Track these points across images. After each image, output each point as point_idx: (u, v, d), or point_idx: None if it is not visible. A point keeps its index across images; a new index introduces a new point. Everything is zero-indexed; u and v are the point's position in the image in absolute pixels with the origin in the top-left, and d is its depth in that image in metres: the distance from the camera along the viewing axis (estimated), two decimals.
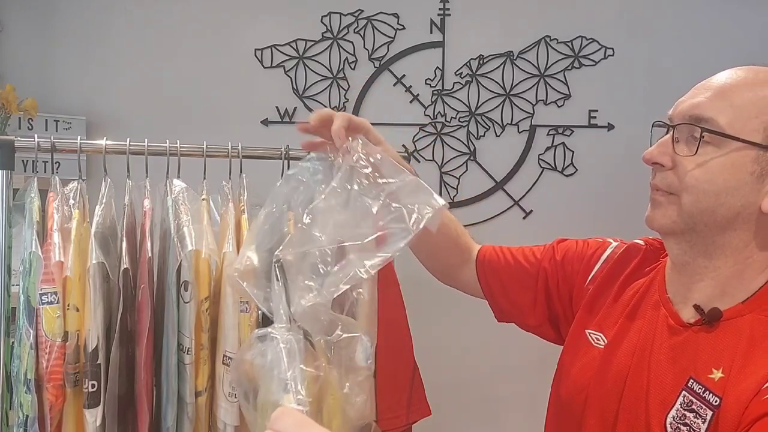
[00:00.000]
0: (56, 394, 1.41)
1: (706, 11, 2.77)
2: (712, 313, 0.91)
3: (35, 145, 1.55)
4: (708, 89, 0.90)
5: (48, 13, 2.74)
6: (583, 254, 1.15)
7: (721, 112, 0.86)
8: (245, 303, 1.55)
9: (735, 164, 0.86)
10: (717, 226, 0.89)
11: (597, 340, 1.04)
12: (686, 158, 0.88)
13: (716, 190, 0.87)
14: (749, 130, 0.85)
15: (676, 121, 0.92)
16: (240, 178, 1.66)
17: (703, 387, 0.87)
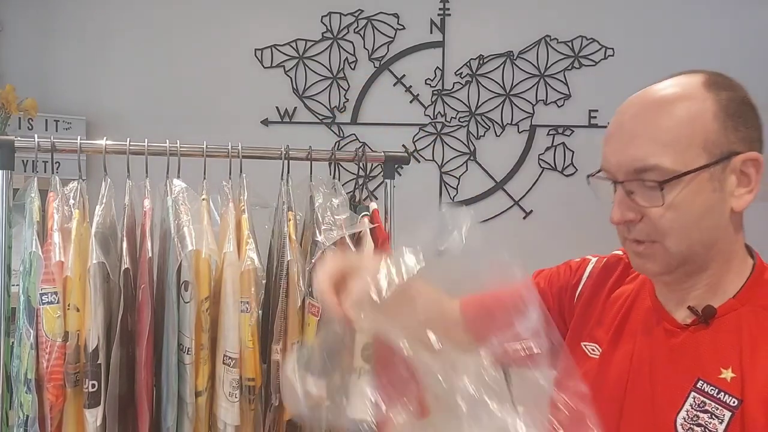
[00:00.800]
0: (56, 394, 1.41)
1: (706, 11, 2.77)
2: (706, 311, 0.91)
3: (35, 145, 1.55)
4: (632, 136, 0.89)
5: (48, 13, 2.74)
6: (566, 276, 1.14)
7: (662, 155, 0.86)
8: (245, 303, 1.55)
9: (697, 192, 0.87)
10: (706, 247, 0.91)
11: (592, 351, 1.04)
12: (655, 207, 0.89)
13: (693, 223, 0.88)
14: (693, 158, 0.86)
15: (620, 176, 0.90)
16: (240, 178, 1.66)
17: (716, 388, 0.88)
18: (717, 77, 0.92)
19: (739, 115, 0.89)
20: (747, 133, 0.89)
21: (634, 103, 0.92)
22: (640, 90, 0.94)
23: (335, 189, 1.76)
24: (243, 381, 1.55)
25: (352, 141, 2.75)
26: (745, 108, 0.91)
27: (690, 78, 0.92)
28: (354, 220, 1.75)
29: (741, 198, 0.89)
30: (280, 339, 1.60)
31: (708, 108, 0.88)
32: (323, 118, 2.75)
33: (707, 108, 0.88)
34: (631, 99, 0.93)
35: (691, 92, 0.89)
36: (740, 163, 0.88)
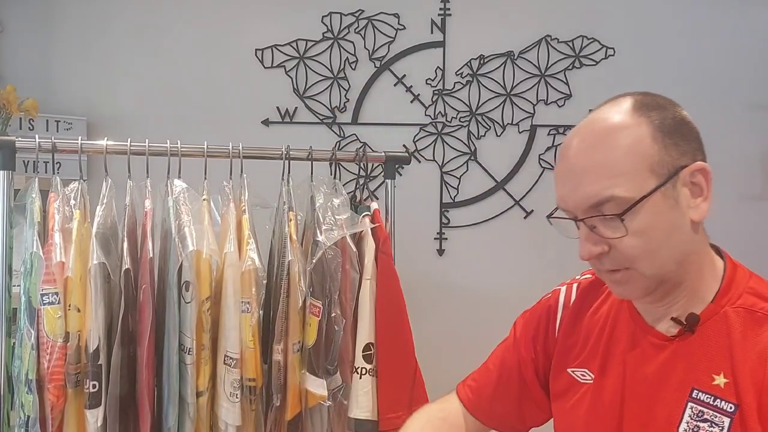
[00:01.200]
0: (57, 395, 1.41)
1: (706, 11, 2.77)
2: (690, 319, 0.93)
3: (36, 145, 1.55)
4: (582, 175, 0.91)
5: (48, 14, 2.74)
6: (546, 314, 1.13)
7: (614, 186, 0.88)
8: (246, 303, 1.55)
9: (657, 214, 0.89)
10: (678, 263, 0.92)
11: (583, 376, 1.04)
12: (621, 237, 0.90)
13: (660, 243, 0.90)
14: (644, 183, 0.88)
15: (579, 214, 0.92)
16: (241, 178, 1.66)
17: (711, 395, 0.89)
18: (644, 98, 0.94)
19: (675, 131, 0.91)
20: (687, 147, 0.91)
21: (575, 143, 0.93)
22: (575, 127, 0.95)
23: (336, 189, 1.76)
24: (244, 381, 1.55)
25: (352, 141, 2.75)
26: (678, 123, 0.92)
27: (619, 106, 0.93)
28: (355, 220, 1.75)
29: (698, 208, 0.91)
30: (281, 339, 1.61)
31: (644, 132, 0.90)
32: (324, 118, 2.75)
33: (643, 132, 0.90)
34: (571, 139, 0.94)
35: (624, 120, 0.91)
36: (689, 176, 0.90)
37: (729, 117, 2.66)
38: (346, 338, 1.69)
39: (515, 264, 2.73)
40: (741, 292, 0.93)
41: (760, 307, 0.91)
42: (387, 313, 1.72)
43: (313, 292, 1.66)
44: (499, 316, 2.78)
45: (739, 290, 0.93)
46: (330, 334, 1.67)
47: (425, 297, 2.56)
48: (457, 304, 2.73)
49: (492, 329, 2.92)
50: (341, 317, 1.67)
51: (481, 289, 2.73)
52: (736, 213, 2.64)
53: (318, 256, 1.65)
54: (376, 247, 1.73)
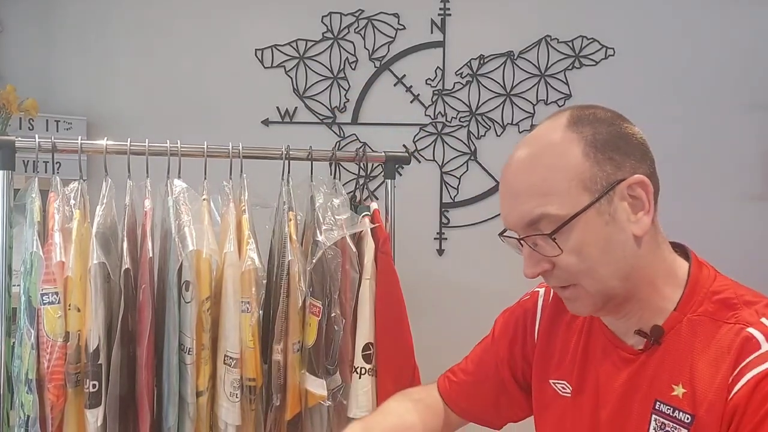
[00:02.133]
0: (57, 395, 1.41)
1: (706, 11, 2.77)
2: (654, 332, 0.92)
3: (36, 145, 1.55)
4: (515, 193, 0.92)
5: (48, 13, 2.74)
6: (523, 318, 1.14)
7: (545, 204, 0.88)
8: (246, 303, 1.55)
9: (591, 231, 0.88)
10: (623, 279, 0.90)
11: (563, 389, 1.04)
12: (558, 255, 0.89)
13: (598, 261, 0.89)
14: (576, 200, 0.87)
15: (520, 233, 0.93)
16: (241, 178, 1.66)
17: (671, 407, 0.88)
18: (581, 112, 0.92)
19: (611, 144, 0.89)
20: (624, 161, 0.89)
21: (513, 161, 0.93)
22: (517, 143, 0.95)
23: (336, 189, 1.76)
24: (244, 381, 1.55)
25: (352, 141, 2.75)
26: (615, 137, 0.90)
27: (553, 122, 0.93)
28: (355, 220, 1.75)
29: (640, 222, 0.89)
30: (281, 339, 1.61)
31: (574, 148, 0.88)
32: (324, 118, 2.75)
33: (573, 149, 0.88)
34: (510, 157, 0.94)
35: (554, 137, 0.90)
36: (626, 189, 0.88)
37: (729, 117, 2.66)
38: (346, 338, 1.69)
39: (515, 264, 2.72)
40: (703, 299, 0.91)
41: (719, 315, 0.89)
42: (387, 313, 1.72)
43: (313, 292, 1.66)
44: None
45: (701, 296, 0.91)
46: (330, 334, 1.67)
47: (425, 297, 2.56)
48: (457, 304, 2.73)
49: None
50: (341, 317, 1.67)
51: (481, 289, 2.73)
52: (736, 213, 2.64)
53: (318, 256, 1.65)
54: (375, 247, 1.73)
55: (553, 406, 1.05)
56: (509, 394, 1.15)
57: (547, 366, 1.07)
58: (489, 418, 1.20)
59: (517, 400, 1.15)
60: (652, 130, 1.09)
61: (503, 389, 1.15)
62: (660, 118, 2.52)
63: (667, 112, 2.64)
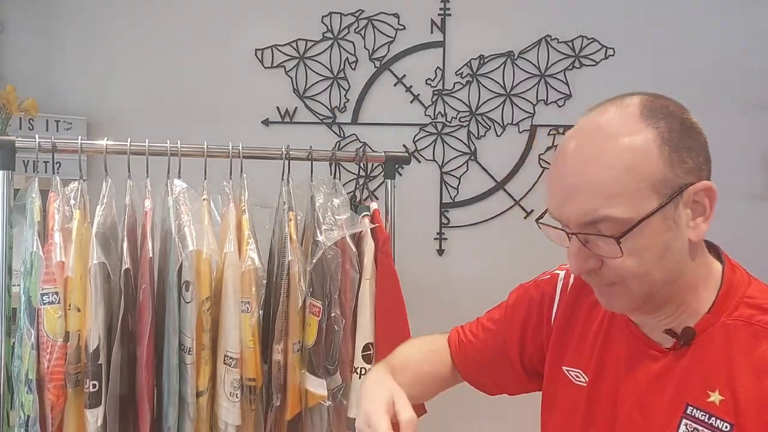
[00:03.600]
0: (57, 394, 1.41)
1: (706, 11, 2.77)
2: (686, 333, 0.89)
3: (36, 145, 1.55)
4: (577, 191, 0.85)
5: (48, 13, 2.74)
6: (540, 298, 1.12)
7: (612, 206, 0.82)
8: (246, 303, 1.55)
9: (654, 235, 0.84)
10: (670, 283, 0.88)
11: (577, 378, 1.02)
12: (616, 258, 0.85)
13: (654, 265, 0.85)
14: (644, 203, 0.82)
15: (572, 228, 0.86)
16: (241, 178, 1.66)
17: (706, 413, 0.86)
18: (653, 102, 0.87)
19: (683, 143, 0.84)
20: (694, 162, 0.84)
21: (572, 149, 0.87)
22: (574, 128, 0.89)
23: (336, 189, 1.76)
24: (244, 381, 1.55)
25: (352, 141, 2.75)
26: (687, 133, 0.85)
27: (623, 110, 0.86)
28: (355, 220, 1.75)
29: (698, 228, 0.86)
30: (281, 339, 1.61)
31: (651, 145, 0.82)
32: (324, 118, 2.75)
33: (650, 145, 0.82)
34: (568, 142, 0.88)
35: (629, 129, 0.84)
36: (693, 195, 0.84)
37: (729, 117, 2.66)
38: (346, 338, 1.69)
39: (515, 264, 2.73)
40: (738, 302, 0.88)
41: (757, 320, 0.86)
42: (387, 313, 1.73)
43: (312, 292, 1.66)
44: None
45: (736, 299, 0.89)
46: (330, 334, 1.67)
47: (425, 297, 2.56)
48: (457, 304, 2.72)
49: None
50: (341, 317, 1.67)
51: (481, 289, 2.73)
52: (736, 213, 2.63)
53: (318, 256, 1.65)
54: (375, 247, 1.73)
55: (565, 393, 1.03)
56: (512, 369, 1.14)
57: (562, 352, 1.05)
58: (486, 384, 1.20)
59: (518, 376, 1.14)
60: None
61: (507, 364, 1.14)
62: None
63: None
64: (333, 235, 1.67)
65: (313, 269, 1.66)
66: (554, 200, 0.88)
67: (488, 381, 1.20)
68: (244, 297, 1.55)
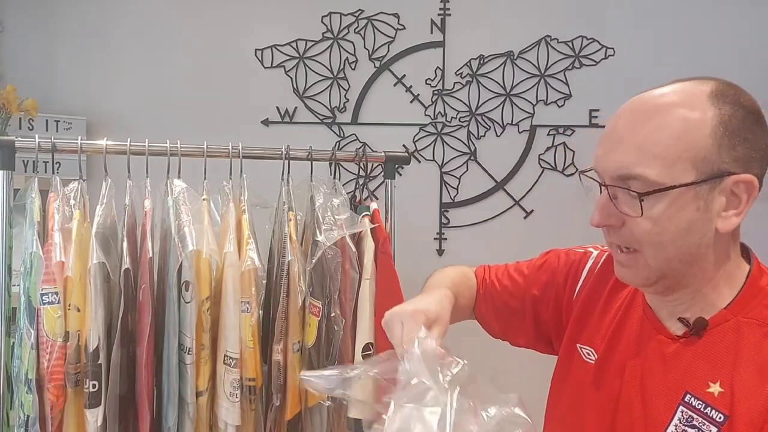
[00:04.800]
0: (57, 394, 1.41)
1: (706, 11, 2.77)
2: (698, 323, 0.89)
3: (36, 145, 1.55)
4: (622, 142, 0.87)
5: (48, 14, 2.74)
6: (567, 269, 1.13)
7: (647, 165, 0.83)
8: (246, 303, 1.55)
9: (680, 208, 0.84)
10: (685, 264, 0.88)
11: (588, 355, 1.03)
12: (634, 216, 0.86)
13: (672, 238, 0.86)
14: (680, 173, 0.83)
15: (606, 180, 0.88)
16: (240, 178, 1.66)
17: (703, 402, 0.86)
18: (726, 88, 0.87)
19: (741, 133, 0.84)
20: (745, 153, 0.84)
21: (630, 106, 0.89)
22: (644, 91, 0.91)
23: (336, 189, 1.76)
24: (243, 381, 1.55)
25: (352, 141, 2.75)
26: (749, 125, 0.85)
27: (696, 86, 0.87)
28: (354, 220, 1.75)
29: (728, 220, 0.86)
30: (280, 339, 1.61)
31: (706, 123, 0.83)
32: (323, 118, 2.75)
33: (705, 122, 0.83)
34: (630, 101, 0.90)
35: (692, 103, 0.85)
36: (732, 184, 0.84)
37: None
38: (346, 338, 1.69)
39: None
40: (758, 304, 0.88)
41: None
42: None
43: (312, 292, 1.66)
44: None
45: (757, 301, 0.88)
46: (330, 334, 1.67)
47: None
48: None
49: None
50: (341, 317, 1.67)
51: None
52: None
53: (318, 256, 1.65)
54: (375, 247, 1.73)
55: (575, 371, 1.05)
56: (523, 324, 1.17)
57: (580, 330, 1.06)
58: (493, 327, 1.23)
59: (526, 333, 1.17)
60: None
61: (520, 318, 1.17)
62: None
63: None
64: (333, 235, 1.67)
65: (312, 269, 1.66)
66: (600, 149, 0.90)
67: (496, 325, 1.22)
68: (244, 297, 1.54)
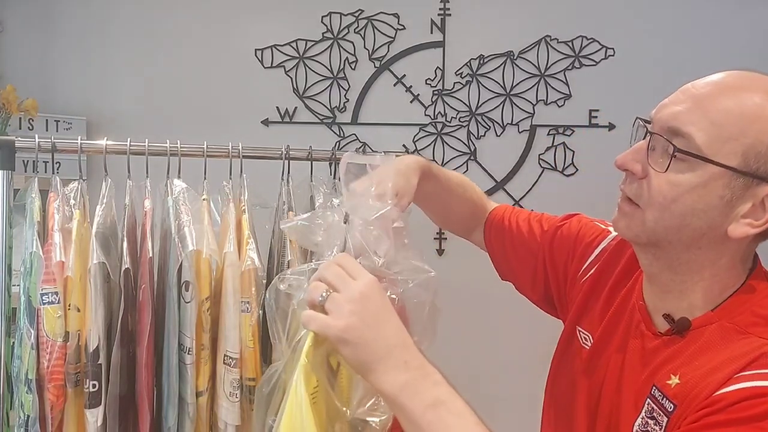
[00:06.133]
0: (57, 394, 1.41)
1: (706, 11, 2.77)
2: (680, 323, 0.88)
3: (36, 145, 1.55)
4: (691, 98, 0.84)
5: (48, 13, 2.74)
6: (582, 240, 1.12)
7: (700, 128, 0.81)
8: (246, 303, 1.55)
9: (706, 186, 0.81)
10: (681, 244, 0.86)
11: (585, 340, 1.03)
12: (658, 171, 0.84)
13: (682, 211, 0.83)
14: (725, 153, 0.80)
15: (656, 127, 0.86)
16: (240, 178, 1.66)
17: (662, 394, 0.86)
18: None
19: None
20: None
21: (717, 77, 0.85)
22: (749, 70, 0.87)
23: (336, 189, 1.76)
24: (243, 381, 1.55)
25: (352, 141, 2.75)
26: None
27: None
28: None
29: (741, 227, 0.83)
30: None
31: None
32: (323, 118, 2.75)
33: None
34: (720, 73, 0.86)
35: None
36: (764, 195, 0.81)
37: None
38: None
39: None
40: (746, 311, 0.85)
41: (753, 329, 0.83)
42: None
43: None
44: (498, 316, 2.80)
45: (745, 307, 0.85)
46: None
47: None
48: (457, 304, 2.73)
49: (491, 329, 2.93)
50: None
51: (481, 289, 2.73)
52: None
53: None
54: None
55: (572, 354, 1.05)
56: (535, 278, 1.19)
57: (582, 313, 1.06)
58: (502, 267, 1.27)
59: (536, 286, 1.19)
60: None
61: (531, 270, 1.19)
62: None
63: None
64: None
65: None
66: (667, 99, 0.88)
67: (504, 266, 1.26)
68: (244, 297, 1.54)
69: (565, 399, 1.04)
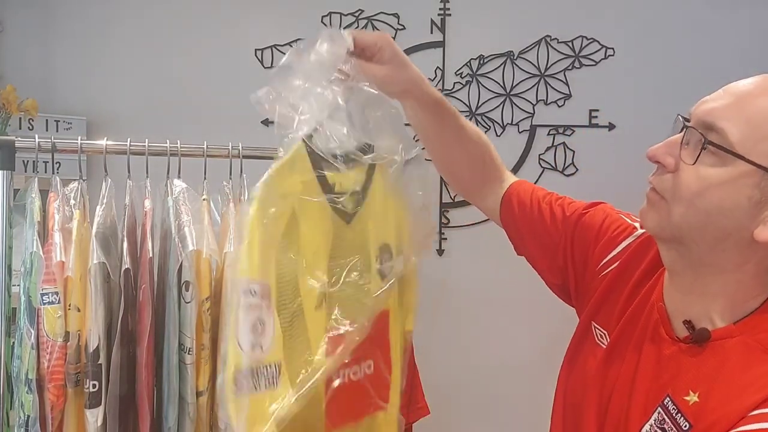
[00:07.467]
0: (57, 394, 1.41)
1: (706, 11, 2.77)
2: (700, 333, 0.87)
3: (36, 145, 1.55)
4: (730, 95, 0.84)
5: (48, 13, 2.74)
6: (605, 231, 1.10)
7: (735, 125, 0.80)
8: None
9: (735, 184, 0.81)
10: (705, 243, 0.85)
11: (601, 338, 1.02)
12: (688, 165, 0.83)
13: (708, 209, 0.82)
14: (758, 152, 0.79)
15: (692, 122, 0.86)
16: (240, 178, 1.66)
17: (677, 408, 0.85)
18: None
19: None
20: None
21: (761, 75, 0.86)
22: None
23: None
24: None
25: None
26: None
27: None
28: None
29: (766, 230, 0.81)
30: None
31: None
32: None
33: None
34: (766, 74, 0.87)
35: None
36: None
37: None
38: None
39: (515, 264, 2.73)
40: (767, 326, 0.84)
41: None
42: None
43: None
44: (499, 316, 2.79)
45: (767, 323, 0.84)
46: None
47: (425, 297, 2.56)
48: (457, 304, 2.73)
49: (492, 329, 2.93)
50: None
51: (481, 289, 2.73)
52: None
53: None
54: None
55: (587, 351, 1.04)
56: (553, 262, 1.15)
57: (599, 307, 1.04)
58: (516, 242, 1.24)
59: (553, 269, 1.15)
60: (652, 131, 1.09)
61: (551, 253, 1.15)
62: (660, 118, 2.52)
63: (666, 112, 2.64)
64: None
65: None
66: (707, 97, 0.88)
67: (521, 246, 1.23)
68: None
69: (577, 397, 1.03)
